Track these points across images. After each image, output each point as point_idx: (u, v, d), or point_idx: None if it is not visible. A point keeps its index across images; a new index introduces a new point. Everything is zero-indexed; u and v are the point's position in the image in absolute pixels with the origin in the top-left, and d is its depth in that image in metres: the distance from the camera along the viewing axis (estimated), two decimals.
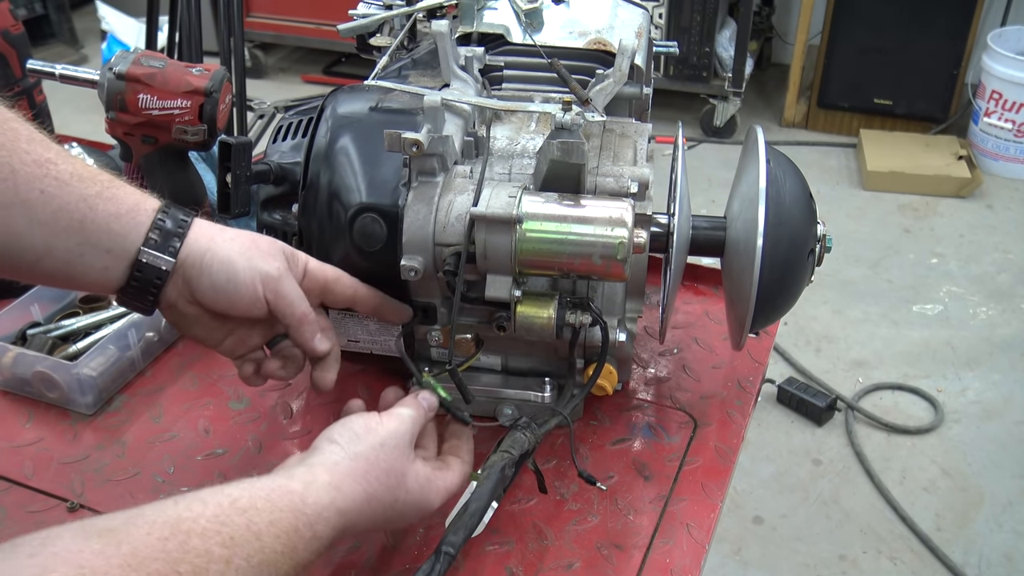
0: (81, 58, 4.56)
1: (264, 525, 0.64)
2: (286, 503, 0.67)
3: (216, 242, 0.79)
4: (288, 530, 0.65)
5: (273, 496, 0.66)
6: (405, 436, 0.78)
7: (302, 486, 0.69)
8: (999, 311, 2.90)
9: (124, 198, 0.76)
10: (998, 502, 2.26)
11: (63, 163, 0.74)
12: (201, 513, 0.61)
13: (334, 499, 0.70)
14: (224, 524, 0.61)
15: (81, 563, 0.53)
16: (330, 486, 0.70)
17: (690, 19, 3.64)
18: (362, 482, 0.72)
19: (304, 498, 0.68)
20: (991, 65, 3.51)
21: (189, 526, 0.60)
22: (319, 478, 0.70)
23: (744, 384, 1.09)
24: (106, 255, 0.76)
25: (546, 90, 1.01)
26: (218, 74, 1.05)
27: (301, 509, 0.67)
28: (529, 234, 0.83)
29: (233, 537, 0.61)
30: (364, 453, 0.74)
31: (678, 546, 0.88)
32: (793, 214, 0.89)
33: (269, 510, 0.65)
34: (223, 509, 0.63)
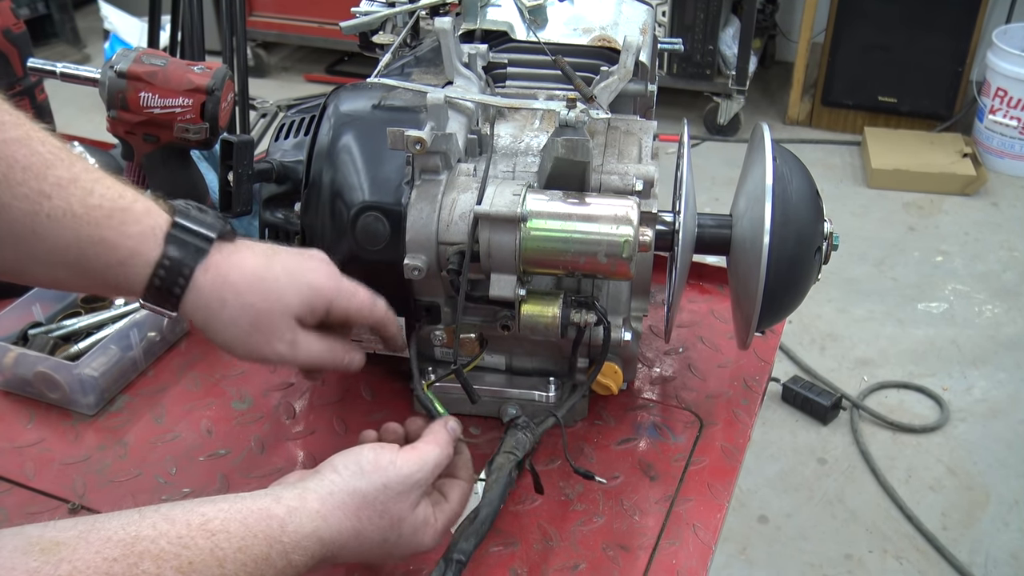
0: (84, 57, 4.56)
1: (232, 551, 0.61)
2: (262, 529, 0.64)
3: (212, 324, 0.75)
4: (258, 558, 0.62)
5: (249, 520, 0.64)
6: (419, 483, 0.74)
7: (285, 512, 0.66)
8: (1004, 309, 2.89)
9: (119, 245, 0.71)
10: (1004, 501, 2.25)
11: (57, 198, 0.68)
12: (164, 533, 0.59)
13: (317, 528, 0.67)
14: (186, 547, 0.59)
15: None
16: (316, 515, 0.68)
17: (694, 17, 3.63)
18: (352, 518, 0.70)
19: (284, 525, 0.65)
20: (996, 62, 3.50)
21: (146, 547, 0.57)
22: (307, 505, 0.68)
23: (750, 383, 1.08)
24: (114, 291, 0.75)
25: (550, 87, 1.00)
26: (220, 72, 1.04)
27: (278, 537, 0.64)
28: (533, 232, 0.83)
29: (192, 563, 0.58)
30: (363, 490, 0.71)
31: (684, 547, 0.87)
32: (800, 212, 0.88)
33: (241, 535, 0.62)
34: (190, 530, 0.60)
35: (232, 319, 0.74)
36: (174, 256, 0.72)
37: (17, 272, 0.72)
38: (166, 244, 0.72)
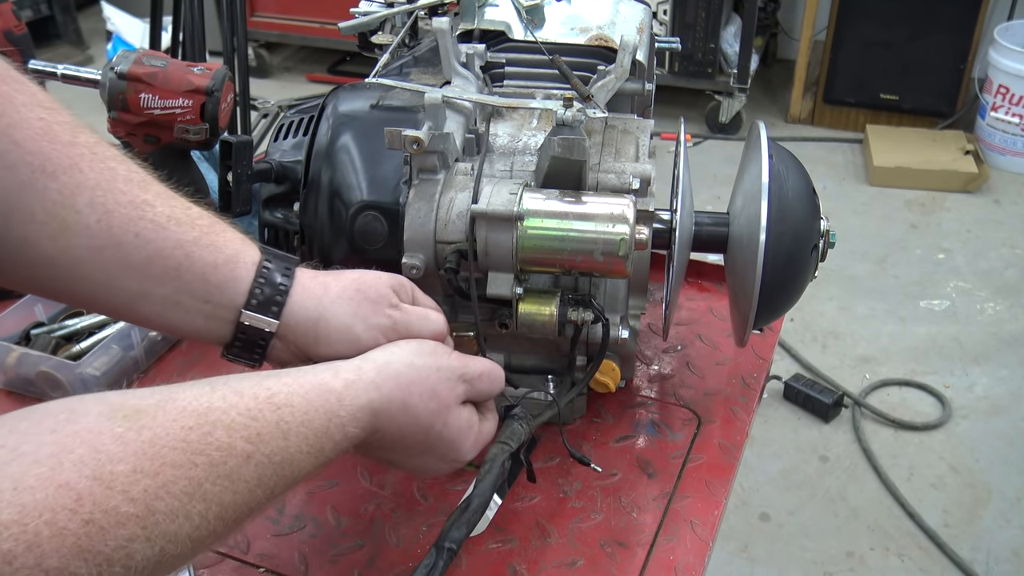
0: (86, 58, 4.57)
1: (295, 425, 0.63)
2: (322, 404, 0.66)
3: (325, 306, 0.75)
4: (319, 431, 0.65)
5: (311, 395, 0.65)
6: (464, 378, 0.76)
7: (343, 385, 0.68)
8: (1007, 306, 2.89)
9: (223, 246, 0.73)
10: (1006, 498, 2.25)
11: (160, 205, 0.71)
12: (234, 405, 0.61)
13: (371, 399, 0.69)
14: (254, 419, 0.61)
15: (98, 447, 0.53)
16: (372, 385, 0.69)
17: (695, 15, 3.63)
18: (404, 390, 0.71)
19: (341, 399, 0.67)
20: (998, 59, 3.49)
21: (218, 417, 0.59)
22: (364, 376, 0.69)
23: (748, 381, 1.08)
24: (204, 305, 0.73)
25: (548, 87, 1.01)
26: (219, 73, 1.05)
27: (336, 411, 0.66)
28: (530, 231, 0.83)
29: (260, 434, 0.61)
30: (418, 364, 0.73)
31: (682, 543, 0.88)
32: (796, 210, 0.88)
33: (304, 410, 0.64)
34: (258, 403, 0.62)
35: (338, 295, 0.76)
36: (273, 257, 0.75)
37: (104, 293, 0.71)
38: (262, 251, 0.76)
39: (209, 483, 0.57)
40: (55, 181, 0.66)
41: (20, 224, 0.66)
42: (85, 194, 0.68)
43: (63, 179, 0.67)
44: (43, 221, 0.66)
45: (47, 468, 0.50)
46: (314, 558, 0.87)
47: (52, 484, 0.49)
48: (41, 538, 0.47)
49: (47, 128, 0.67)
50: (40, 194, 0.66)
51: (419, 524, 0.90)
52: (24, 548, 0.47)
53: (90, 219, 0.68)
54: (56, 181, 0.66)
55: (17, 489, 0.48)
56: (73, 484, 0.50)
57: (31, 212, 0.66)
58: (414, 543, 0.88)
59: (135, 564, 0.52)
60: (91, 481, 0.51)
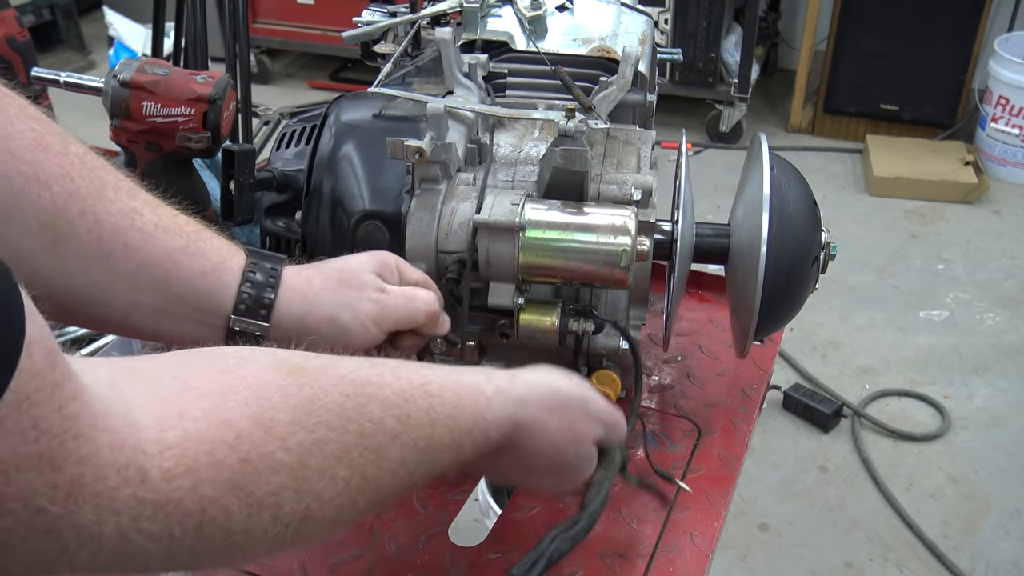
0: (88, 64, 4.57)
1: (443, 416, 0.64)
2: (471, 403, 0.67)
3: (311, 301, 0.77)
4: (463, 428, 0.66)
5: (462, 392, 0.67)
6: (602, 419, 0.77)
7: (493, 391, 0.69)
8: (1006, 317, 2.89)
9: (209, 253, 0.74)
10: (1005, 509, 2.25)
11: (148, 214, 0.72)
12: (390, 384, 0.62)
13: (516, 412, 0.70)
14: (407, 400, 0.62)
15: (262, 393, 0.54)
16: (519, 401, 0.70)
17: (696, 25, 3.64)
18: (547, 412, 0.72)
19: (490, 404, 0.68)
20: (998, 70, 3.50)
21: (374, 391, 0.60)
22: (515, 389, 0.70)
23: (748, 392, 1.08)
24: (195, 312, 0.74)
25: (550, 97, 1.01)
26: (222, 81, 1.05)
27: (483, 414, 0.67)
28: (532, 242, 0.83)
29: (410, 415, 0.62)
30: (565, 392, 0.74)
31: (682, 555, 0.88)
32: (797, 221, 0.88)
33: (454, 404, 0.65)
34: (412, 387, 0.63)
35: (323, 286, 0.78)
36: (258, 260, 0.77)
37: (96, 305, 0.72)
38: (248, 255, 0.77)
39: (357, 452, 0.58)
40: (48, 191, 0.67)
41: (15, 236, 0.66)
42: (77, 203, 0.68)
43: (56, 188, 0.67)
44: (37, 233, 0.67)
45: (212, 404, 0.52)
46: (313, 567, 0.87)
47: (215, 419, 0.51)
48: (199, 464, 0.49)
49: (39, 138, 0.67)
50: (34, 204, 0.66)
51: (418, 533, 0.90)
52: (183, 471, 0.48)
53: (81, 229, 0.68)
54: (49, 191, 0.67)
55: (183, 416, 0.50)
56: (235, 422, 0.51)
57: (25, 223, 0.66)
58: (413, 553, 0.88)
59: (282, 515, 0.53)
60: (252, 423, 0.52)
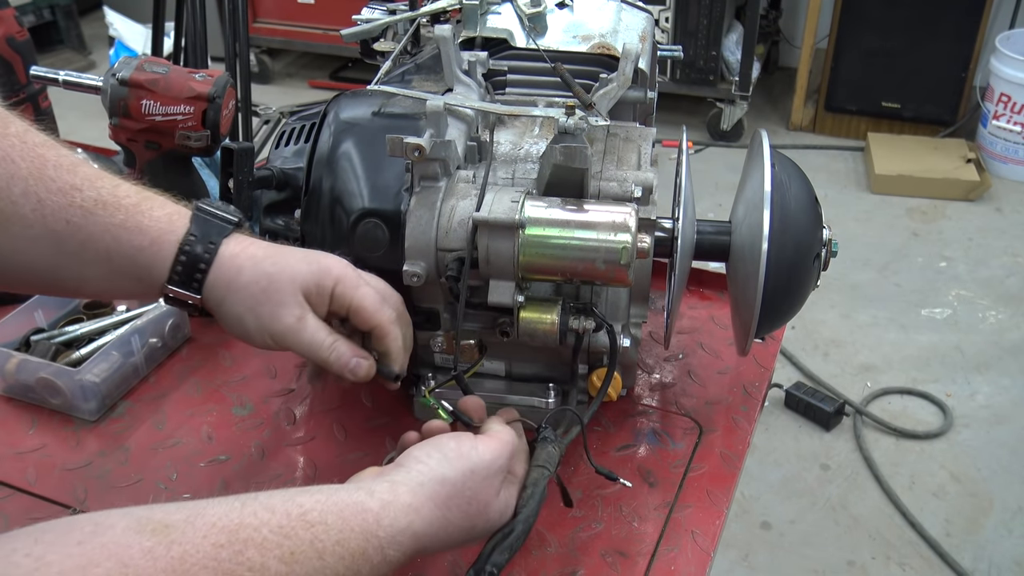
0: (89, 64, 4.57)
1: (330, 544, 0.61)
2: (359, 523, 0.64)
3: (231, 291, 0.76)
4: (356, 552, 0.63)
5: (346, 514, 0.64)
6: (500, 469, 0.75)
7: (379, 506, 0.66)
8: (1008, 315, 2.89)
9: (148, 227, 0.75)
10: (1008, 507, 2.24)
11: (88, 189, 0.73)
12: (266, 522, 0.59)
13: (411, 522, 0.67)
14: (287, 537, 0.59)
15: (126, 561, 0.51)
16: (409, 508, 0.67)
17: (697, 23, 3.63)
18: (443, 508, 0.70)
19: (379, 519, 0.65)
20: (999, 68, 3.49)
21: (249, 535, 0.58)
22: (400, 498, 0.67)
23: (750, 390, 1.08)
24: (137, 283, 0.76)
25: (550, 95, 1.01)
26: (221, 80, 1.05)
27: (374, 532, 0.64)
28: (532, 239, 0.83)
29: (294, 553, 0.59)
30: (452, 479, 0.71)
31: (683, 553, 0.87)
32: (798, 219, 0.88)
33: (339, 528, 0.62)
34: (290, 520, 0.60)
35: (244, 285, 0.77)
36: (200, 231, 0.76)
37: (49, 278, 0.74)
38: (192, 222, 0.76)
39: None
40: None
41: None
42: (19, 184, 0.70)
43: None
44: None
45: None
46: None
47: None
48: None
49: None
50: None
51: None
52: None
53: (25, 209, 0.70)
54: None
55: None
56: None
57: None
58: None
59: None
60: None
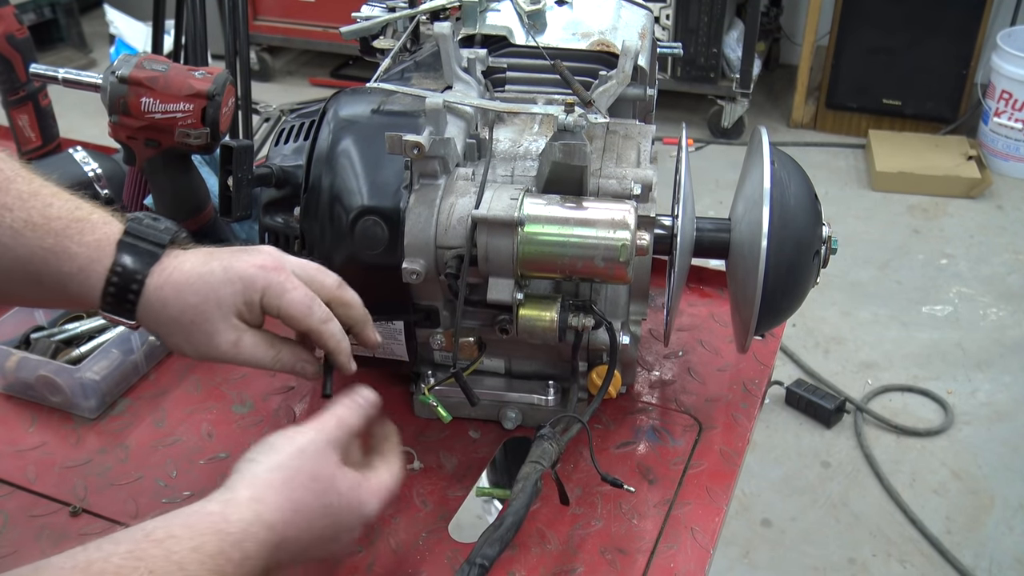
0: (89, 62, 4.57)
1: (186, 552, 0.60)
2: (207, 525, 0.63)
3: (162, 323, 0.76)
4: (214, 553, 0.62)
5: (191, 521, 0.63)
6: (329, 442, 0.73)
7: (221, 506, 0.65)
8: (1009, 312, 2.88)
9: (76, 255, 0.74)
10: (1009, 505, 2.24)
11: (18, 210, 0.72)
12: (113, 552, 0.58)
13: (258, 512, 0.66)
14: (140, 559, 0.58)
15: None
16: (252, 500, 0.66)
17: (697, 20, 3.63)
18: (285, 491, 0.68)
19: (226, 517, 0.64)
20: (1001, 65, 3.49)
21: (101, 567, 0.57)
22: (239, 495, 0.66)
23: (750, 387, 1.08)
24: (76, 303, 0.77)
25: (549, 92, 1.01)
26: (220, 77, 1.05)
27: (225, 529, 0.64)
28: (531, 237, 0.83)
29: (153, 571, 0.58)
30: (283, 462, 0.70)
31: (682, 550, 0.87)
32: (798, 216, 0.88)
33: (190, 536, 0.62)
34: (137, 543, 0.60)
35: (173, 318, 0.75)
36: (126, 263, 0.75)
37: None
38: (118, 252, 0.75)
39: None
40: None
41: None
42: None
43: None
44: None
45: None
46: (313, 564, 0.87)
47: None
48: None
49: None
50: None
51: (419, 530, 0.90)
52: None
53: None
54: None
55: None
56: None
57: None
58: (413, 549, 0.88)
59: None
60: None
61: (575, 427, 0.89)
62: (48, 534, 0.90)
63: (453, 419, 0.93)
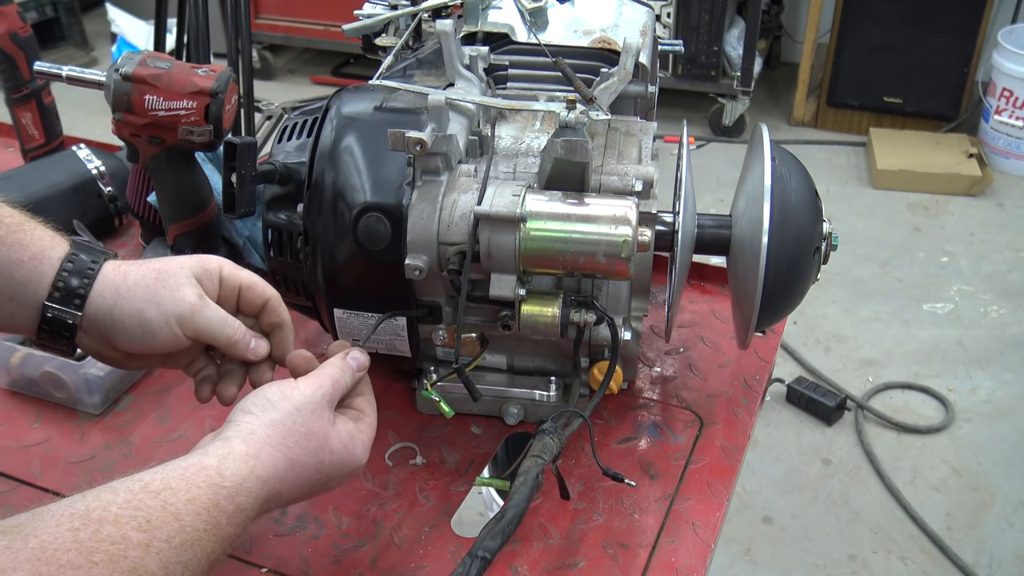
0: (91, 60, 4.58)
1: (182, 504, 0.62)
2: (202, 479, 0.65)
3: (121, 294, 0.76)
4: (209, 506, 0.63)
5: (188, 474, 0.64)
6: (324, 398, 0.75)
7: (217, 460, 0.67)
8: (1010, 310, 2.89)
9: (28, 244, 0.75)
10: (1009, 502, 2.25)
11: None
12: (112, 501, 0.60)
13: (253, 468, 0.68)
14: (138, 508, 0.60)
15: None
16: (248, 455, 0.68)
17: (699, 18, 3.63)
18: (281, 448, 0.70)
19: (221, 471, 0.66)
20: (1001, 63, 3.49)
21: (100, 515, 0.58)
22: (235, 449, 0.68)
23: (751, 383, 1.08)
24: (9, 302, 0.75)
25: (551, 89, 1.01)
26: (224, 75, 1.05)
27: (219, 483, 0.65)
28: (533, 233, 0.83)
29: (149, 520, 0.59)
30: (280, 420, 0.72)
31: (684, 545, 0.88)
32: (798, 212, 0.88)
33: (186, 488, 0.63)
34: (135, 494, 0.61)
35: (136, 282, 0.76)
36: (80, 252, 0.77)
37: None
38: (71, 246, 0.77)
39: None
40: None
41: None
42: None
43: None
44: None
45: None
46: (316, 558, 0.87)
47: None
48: None
49: None
50: None
51: (422, 525, 0.90)
52: None
53: None
54: None
55: None
56: None
57: None
58: (416, 543, 0.89)
59: None
60: None
61: (576, 422, 0.89)
62: None
63: (455, 415, 0.94)
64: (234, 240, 1.18)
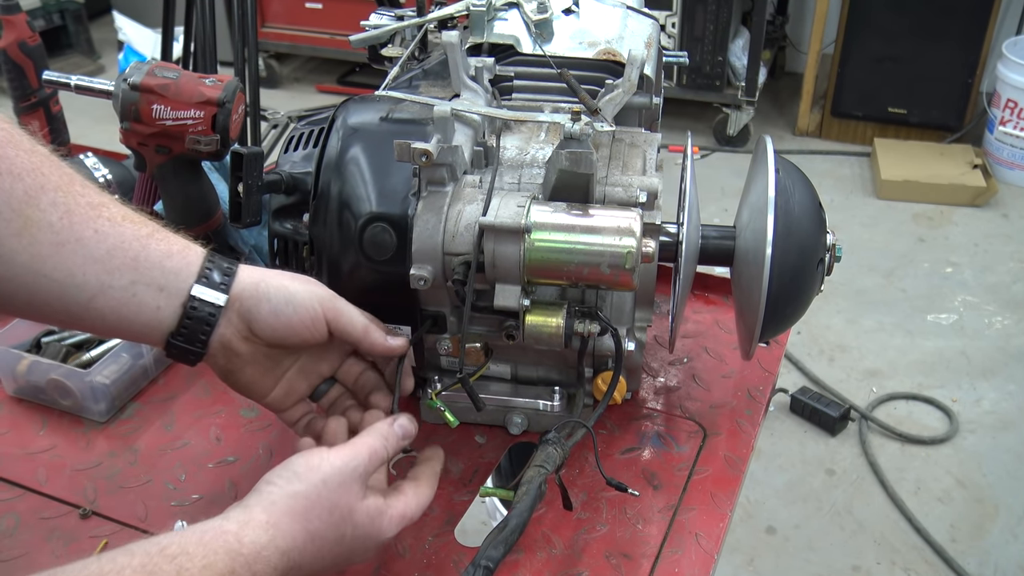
0: (98, 68, 4.60)
1: (197, 570, 0.61)
2: (220, 544, 0.64)
3: (268, 274, 0.81)
4: (224, 573, 0.63)
5: (206, 539, 0.64)
6: (355, 472, 0.74)
7: (237, 526, 0.66)
8: (1014, 321, 2.88)
9: (174, 239, 0.79)
10: (1014, 513, 2.24)
11: (114, 207, 0.76)
12: (127, 564, 0.59)
13: (273, 537, 0.67)
14: (152, 573, 0.59)
15: None
16: (268, 524, 0.68)
17: (703, 28, 3.64)
18: (302, 520, 0.70)
19: (240, 538, 0.66)
20: (1006, 74, 3.50)
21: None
22: (255, 517, 0.68)
23: (754, 393, 1.08)
24: (159, 293, 0.76)
25: (556, 100, 1.01)
26: (231, 85, 1.06)
27: (237, 550, 0.65)
28: (537, 244, 0.84)
29: None
30: (304, 492, 0.71)
31: (687, 555, 0.88)
32: (802, 224, 0.89)
33: (202, 554, 0.63)
34: (151, 558, 0.60)
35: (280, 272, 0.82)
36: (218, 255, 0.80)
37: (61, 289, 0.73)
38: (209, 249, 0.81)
39: None
40: (20, 182, 0.70)
41: None
42: (48, 194, 0.72)
43: (28, 180, 0.70)
44: (8, 218, 0.70)
45: None
46: None
47: None
48: None
49: (10, 137, 0.71)
50: (7, 193, 0.69)
51: (425, 534, 0.91)
52: None
53: (52, 216, 0.71)
54: (22, 182, 0.70)
55: None
56: None
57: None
58: (420, 553, 0.89)
59: None
60: None
61: (580, 432, 0.90)
62: (58, 536, 0.91)
63: (460, 424, 0.94)
64: (240, 249, 1.19)
